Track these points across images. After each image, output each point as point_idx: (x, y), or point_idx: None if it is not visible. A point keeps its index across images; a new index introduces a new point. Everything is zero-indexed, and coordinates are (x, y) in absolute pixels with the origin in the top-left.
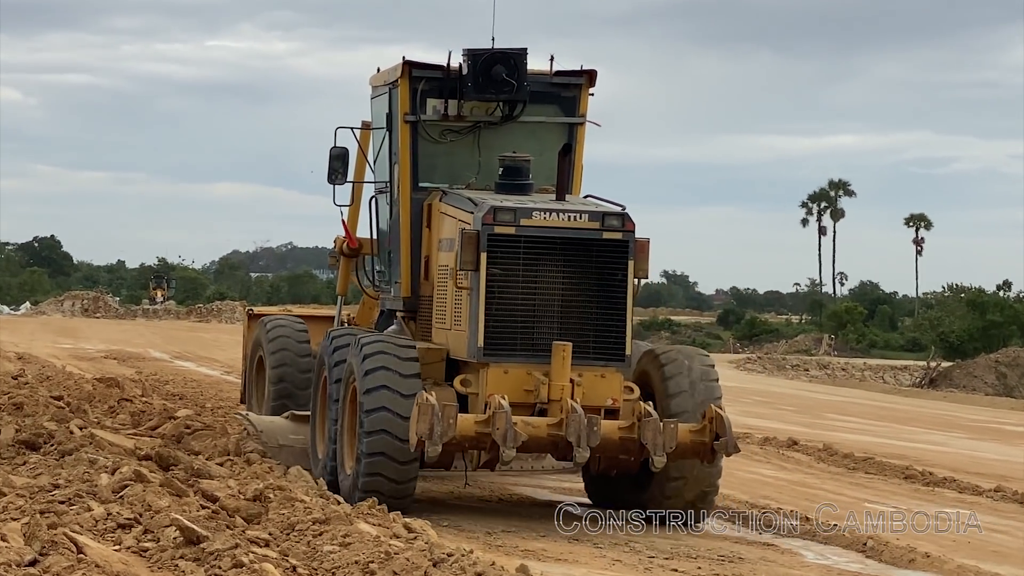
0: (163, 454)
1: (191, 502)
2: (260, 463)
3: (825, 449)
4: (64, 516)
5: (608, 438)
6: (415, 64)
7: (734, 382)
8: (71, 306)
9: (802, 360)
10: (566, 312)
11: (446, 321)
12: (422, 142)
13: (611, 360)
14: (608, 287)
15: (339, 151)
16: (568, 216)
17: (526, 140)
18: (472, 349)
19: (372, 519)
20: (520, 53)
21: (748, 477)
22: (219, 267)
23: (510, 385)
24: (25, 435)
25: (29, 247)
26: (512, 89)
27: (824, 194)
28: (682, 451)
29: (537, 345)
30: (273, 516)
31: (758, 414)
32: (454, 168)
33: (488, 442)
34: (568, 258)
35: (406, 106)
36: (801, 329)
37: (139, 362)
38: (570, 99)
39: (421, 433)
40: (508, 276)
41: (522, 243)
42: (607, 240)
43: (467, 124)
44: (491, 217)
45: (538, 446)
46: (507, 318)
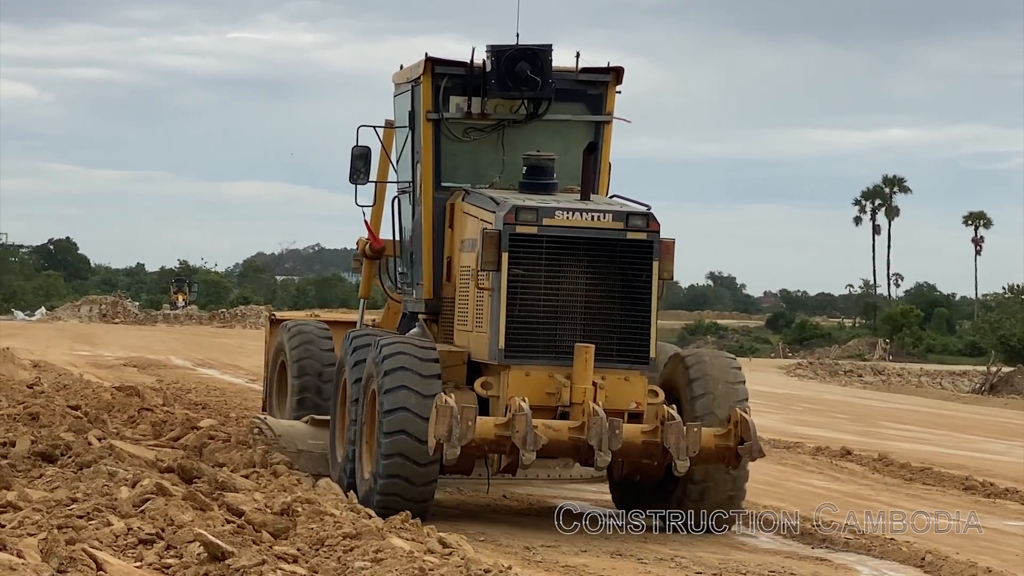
0: (186, 466)
1: (215, 516)
2: (287, 475)
3: (880, 459)
4: (83, 531)
5: (631, 442)
6: (438, 61)
7: (784, 388)
8: (88, 311)
9: (855, 365)
10: (589, 313)
11: (468, 323)
12: (445, 141)
13: (635, 363)
14: (632, 288)
15: (361, 150)
16: (591, 216)
17: (551, 138)
18: (493, 351)
19: (405, 533)
20: (545, 50)
21: (800, 488)
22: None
23: (532, 388)
24: (41, 447)
25: (44, 250)
26: (536, 86)
27: (878, 191)
28: (706, 455)
29: (559, 347)
30: (301, 531)
31: (809, 422)
32: (478, 167)
33: (508, 445)
34: (591, 258)
35: (428, 104)
36: (854, 333)
37: (160, 370)
38: (596, 97)
39: (439, 435)
40: (530, 277)
41: (544, 243)
42: (631, 240)
43: (491, 122)
44: (513, 217)
45: (559, 450)
46: (529, 319)
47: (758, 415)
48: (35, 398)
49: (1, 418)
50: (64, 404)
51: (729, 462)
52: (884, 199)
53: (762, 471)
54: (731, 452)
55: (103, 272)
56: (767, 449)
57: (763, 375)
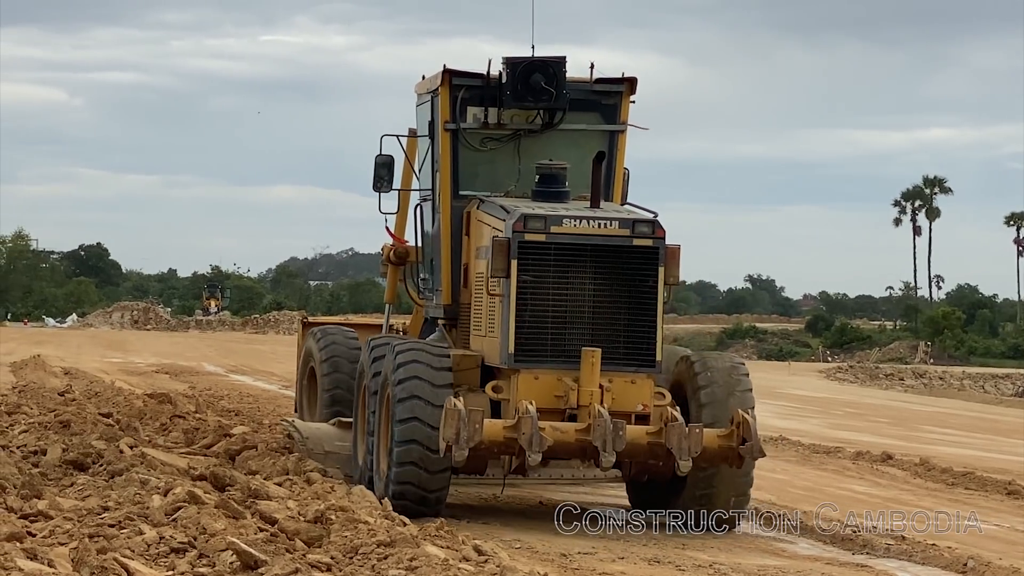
0: (218, 474)
1: (248, 524)
2: (321, 482)
3: (922, 464)
4: (114, 540)
5: (635, 443)
6: (455, 72)
7: (824, 392)
8: (120, 318)
9: (896, 369)
10: (597, 318)
11: (481, 328)
12: (463, 150)
13: (641, 366)
14: (638, 294)
15: (385, 159)
16: (599, 223)
17: (566, 148)
18: (503, 355)
19: (440, 541)
20: (559, 61)
21: (840, 494)
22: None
23: (540, 391)
24: (73, 455)
25: (75, 256)
26: (551, 97)
27: (918, 192)
28: (710, 456)
29: (567, 351)
30: (335, 539)
31: (850, 427)
32: (495, 176)
33: (516, 447)
34: (598, 265)
35: (446, 114)
36: (895, 336)
37: (192, 376)
38: (611, 107)
39: (448, 438)
40: (539, 283)
41: (552, 250)
42: (637, 247)
43: (507, 132)
44: (521, 225)
45: (566, 451)
46: (537, 325)
47: (798, 419)
48: (66, 406)
49: (32, 426)
50: (95, 412)
51: (732, 462)
52: (925, 200)
53: (802, 476)
54: (734, 452)
55: (135, 278)
56: (807, 454)
57: (803, 379)
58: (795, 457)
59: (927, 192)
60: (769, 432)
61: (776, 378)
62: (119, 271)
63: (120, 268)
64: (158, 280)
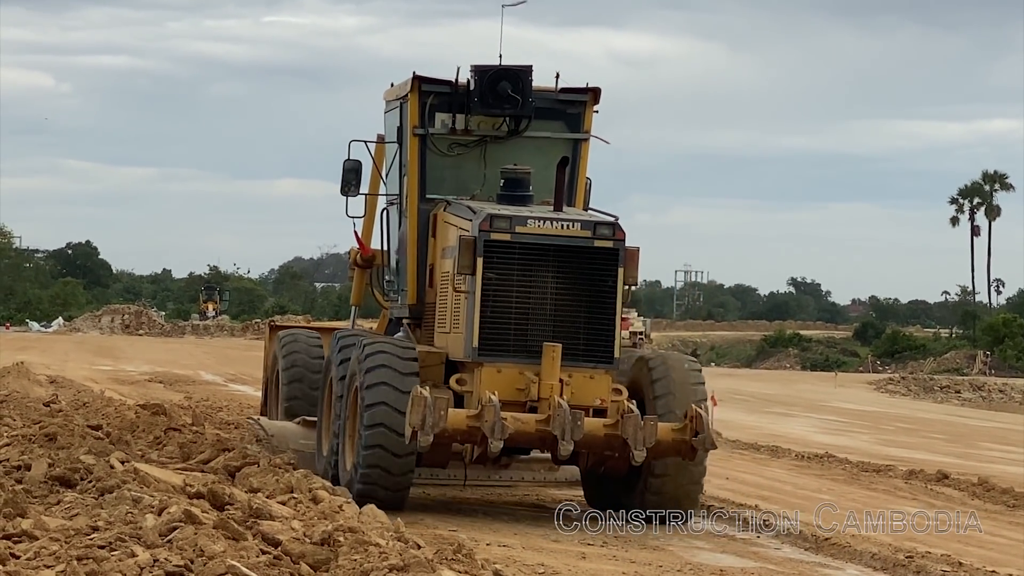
0: (217, 491)
1: (249, 546)
2: (328, 501)
3: (980, 484)
4: (104, 563)
5: (593, 434)
6: (424, 79)
7: (873, 406)
8: (110, 322)
9: (953, 380)
10: (558, 316)
11: (446, 324)
12: (430, 155)
13: (600, 362)
14: (598, 293)
15: (353, 164)
16: (561, 225)
17: (531, 154)
18: (467, 349)
19: (457, 565)
20: (525, 70)
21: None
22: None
23: (503, 384)
24: (59, 470)
25: (62, 255)
26: (517, 105)
27: (977, 188)
28: (664, 449)
29: (529, 346)
30: (343, 562)
31: (902, 443)
32: (461, 180)
33: (478, 435)
34: (560, 264)
35: (415, 120)
36: (951, 345)
37: (188, 386)
38: (575, 115)
39: (414, 424)
40: (503, 280)
41: (517, 249)
42: (598, 248)
43: (474, 138)
44: (488, 224)
45: (526, 440)
46: (501, 320)
47: (845, 435)
48: (52, 417)
49: (15, 439)
50: (84, 424)
51: (685, 455)
52: (984, 197)
53: (850, 496)
54: (687, 445)
55: (126, 279)
56: (855, 472)
57: (850, 391)
58: (842, 476)
59: (987, 189)
60: (814, 448)
61: (821, 390)
62: (109, 271)
63: (110, 268)
64: (151, 281)
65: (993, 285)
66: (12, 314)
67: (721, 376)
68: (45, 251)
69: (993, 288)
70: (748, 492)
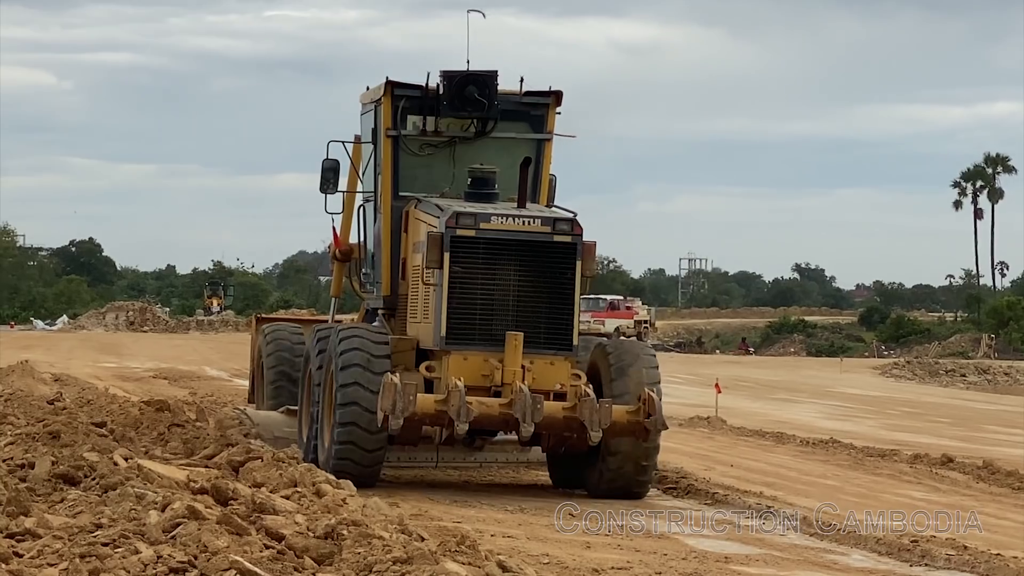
0: (220, 487)
1: (253, 541)
2: (332, 495)
3: (985, 467)
4: (108, 560)
5: (552, 416)
6: (397, 84)
7: (879, 391)
8: (114, 319)
9: (958, 364)
10: (520, 306)
11: (417, 315)
12: (403, 155)
13: (560, 349)
14: (558, 285)
15: (331, 163)
16: (523, 221)
17: (498, 154)
18: (436, 338)
19: (461, 557)
20: (491, 75)
21: (897, 500)
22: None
23: (469, 370)
24: (63, 468)
25: (65, 252)
26: (483, 108)
27: (979, 172)
28: (620, 429)
29: (494, 335)
30: (347, 556)
31: (907, 427)
32: (432, 179)
33: (446, 418)
34: (522, 258)
35: (388, 122)
36: (956, 328)
37: (193, 382)
38: (538, 117)
39: (385, 409)
40: (468, 274)
41: (481, 244)
42: (557, 243)
43: (444, 139)
44: (454, 221)
45: (490, 422)
46: (467, 311)
47: (851, 420)
48: (56, 415)
49: (19, 437)
50: (88, 421)
51: (639, 435)
52: (986, 180)
53: (855, 481)
54: (640, 426)
55: (130, 276)
56: (860, 458)
57: (856, 376)
58: (847, 461)
59: (989, 172)
60: (819, 434)
61: (827, 376)
62: (113, 268)
63: (114, 265)
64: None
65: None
66: (16, 312)
67: (726, 363)
68: (49, 249)
69: (997, 271)
70: (753, 479)
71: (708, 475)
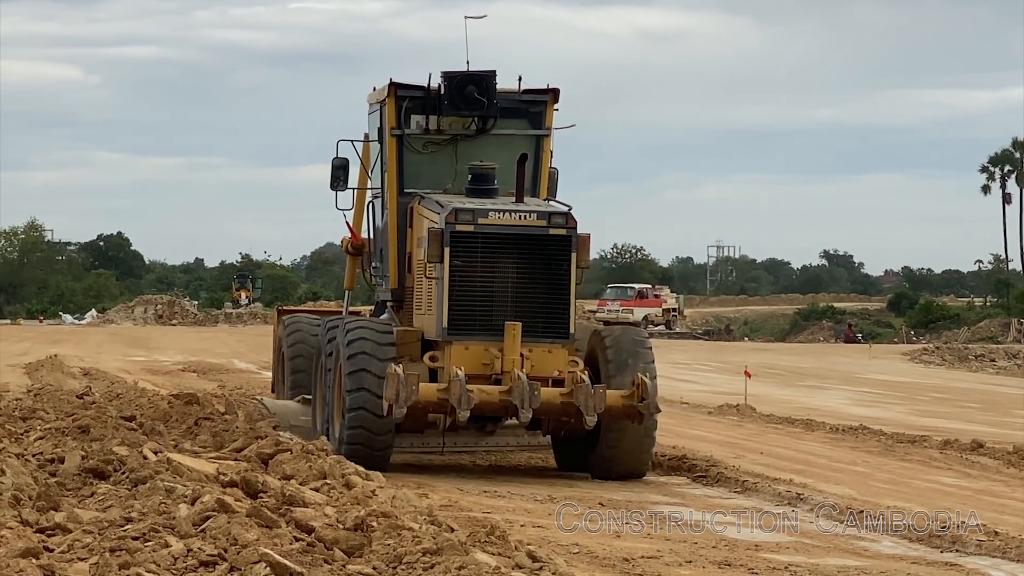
0: (250, 479)
1: (283, 534)
2: (361, 486)
3: (1016, 452)
4: (138, 554)
5: (550, 402)
6: (400, 85)
7: (908, 377)
8: (143, 313)
9: (987, 349)
10: (518, 297)
11: (421, 307)
12: (407, 153)
13: (557, 337)
14: (554, 276)
15: (340, 161)
16: (520, 215)
17: (498, 151)
18: (438, 329)
19: (491, 547)
20: (490, 75)
21: (926, 487)
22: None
23: (470, 359)
24: (92, 462)
25: (93, 247)
26: (483, 106)
27: (1007, 156)
28: (615, 413)
29: (493, 325)
30: (377, 547)
31: (937, 413)
32: (435, 175)
33: (448, 406)
34: (519, 251)
35: (392, 121)
36: (986, 313)
37: (222, 374)
38: (537, 114)
39: (389, 398)
40: (468, 267)
41: (480, 239)
42: (553, 236)
43: (446, 137)
44: (453, 217)
45: (491, 409)
46: (467, 302)
47: (880, 406)
48: (85, 409)
49: (48, 432)
50: (117, 415)
51: (634, 418)
52: (1015, 164)
53: (885, 468)
54: (634, 410)
55: (158, 269)
56: (889, 444)
57: (885, 362)
58: (877, 448)
59: (1017, 156)
60: (848, 421)
61: (856, 362)
62: (141, 262)
63: (142, 259)
64: (183, 271)
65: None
66: (45, 307)
67: (755, 351)
68: (77, 244)
69: None
70: (783, 466)
71: (738, 463)
